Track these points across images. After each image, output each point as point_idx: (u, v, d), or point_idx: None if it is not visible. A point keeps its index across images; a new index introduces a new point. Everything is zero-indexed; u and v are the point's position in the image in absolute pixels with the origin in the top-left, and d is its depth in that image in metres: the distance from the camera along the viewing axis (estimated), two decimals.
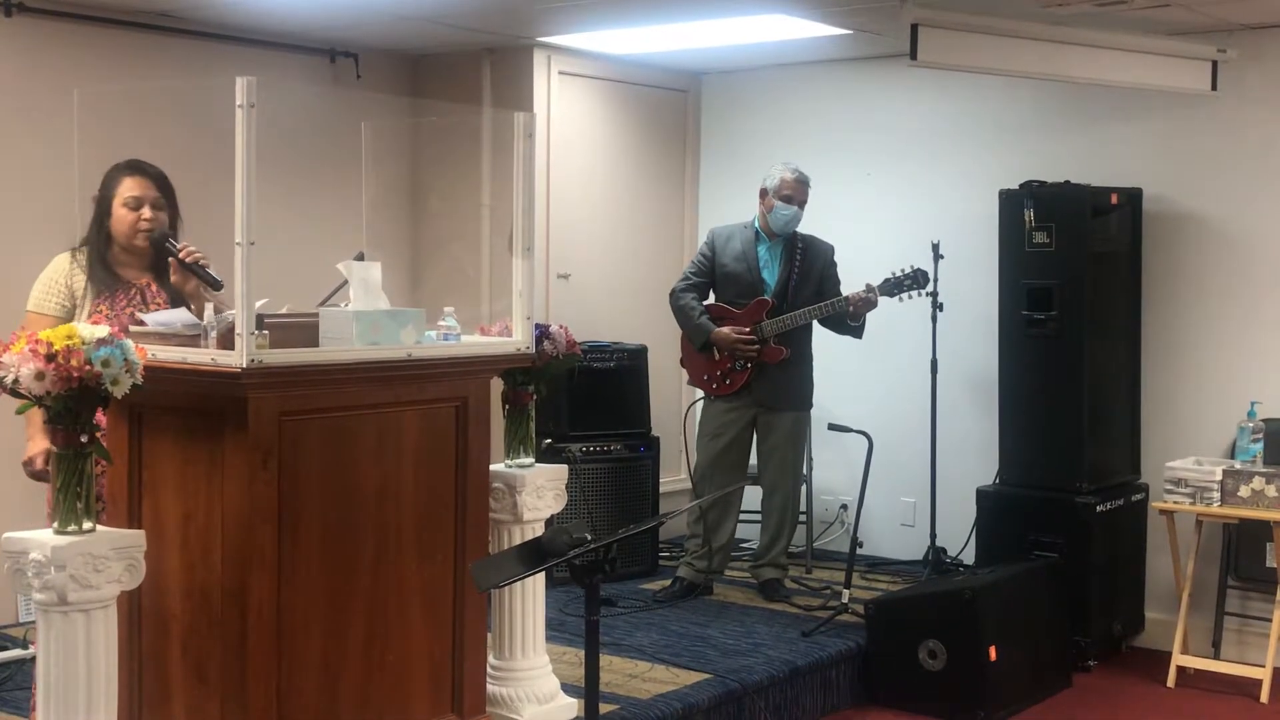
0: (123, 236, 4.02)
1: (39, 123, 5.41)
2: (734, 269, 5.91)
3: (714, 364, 5.90)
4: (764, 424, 5.95)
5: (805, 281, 5.89)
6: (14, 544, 3.08)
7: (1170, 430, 6.09)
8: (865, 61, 6.85)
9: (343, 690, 3.71)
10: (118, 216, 4.02)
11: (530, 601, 4.35)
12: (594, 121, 6.95)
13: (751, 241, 5.93)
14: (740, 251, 5.92)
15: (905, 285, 5.84)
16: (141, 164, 4.09)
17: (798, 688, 5.10)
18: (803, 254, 5.92)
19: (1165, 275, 6.11)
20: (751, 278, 5.89)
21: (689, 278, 6.00)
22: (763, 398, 5.89)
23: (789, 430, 5.97)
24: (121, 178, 4.05)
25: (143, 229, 4.02)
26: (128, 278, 4.05)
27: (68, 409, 3.06)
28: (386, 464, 3.79)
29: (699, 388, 6.03)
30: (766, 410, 5.92)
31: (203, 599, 3.53)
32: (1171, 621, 5.77)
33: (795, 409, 5.98)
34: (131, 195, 4.02)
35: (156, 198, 4.05)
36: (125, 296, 4.00)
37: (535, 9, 5.75)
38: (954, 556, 6.40)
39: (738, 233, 5.98)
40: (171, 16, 5.83)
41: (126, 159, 4.09)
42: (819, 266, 5.94)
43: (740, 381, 5.86)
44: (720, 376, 5.89)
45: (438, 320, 4.00)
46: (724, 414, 5.93)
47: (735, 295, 5.91)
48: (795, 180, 5.86)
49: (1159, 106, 6.05)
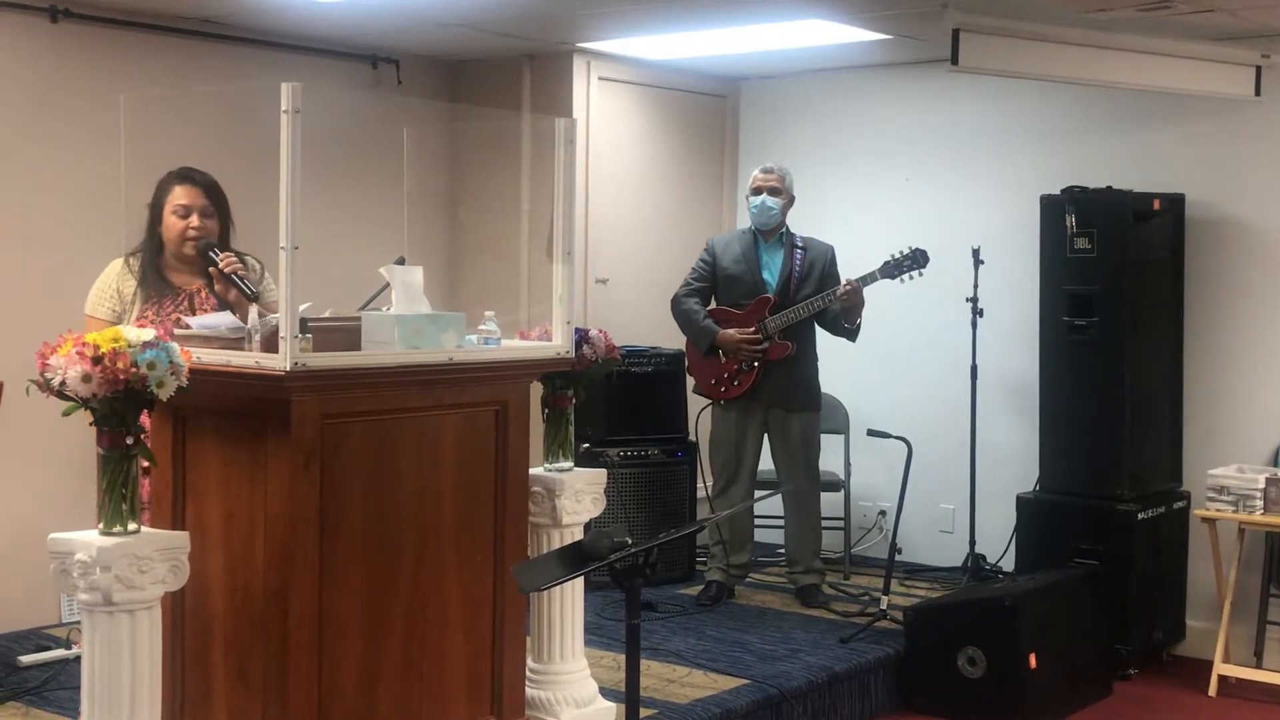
0: (172, 244, 4.08)
1: (85, 128, 5.46)
2: (735, 271, 5.92)
3: (720, 367, 5.87)
4: (776, 426, 5.93)
5: (806, 280, 5.88)
6: (60, 545, 3.11)
7: (1213, 437, 6.05)
8: (905, 67, 6.83)
9: (382, 692, 3.72)
10: (168, 224, 4.08)
11: (569, 605, 4.35)
12: (633, 127, 6.96)
13: (751, 244, 5.93)
14: (740, 254, 5.92)
15: (905, 266, 5.78)
16: (192, 172, 4.14)
17: (836, 694, 5.09)
18: (803, 253, 5.93)
19: (1208, 281, 6.07)
20: (753, 278, 5.89)
21: (690, 283, 5.97)
22: (773, 399, 5.88)
23: (803, 431, 5.95)
24: (172, 186, 4.11)
25: (190, 236, 4.07)
26: (179, 284, 4.10)
27: (113, 411, 3.09)
28: (427, 467, 3.80)
29: (708, 395, 5.98)
30: (778, 411, 5.90)
31: (245, 600, 3.56)
32: (1213, 630, 5.73)
33: (806, 409, 5.96)
34: (181, 204, 4.07)
35: (205, 206, 4.10)
36: (173, 302, 4.05)
37: (575, 15, 5.77)
38: (993, 563, 6.37)
39: (736, 238, 6.01)
40: (215, 22, 5.88)
41: (179, 167, 4.14)
42: (820, 265, 5.93)
43: (749, 383, 5.84)
44: (728, 379, 5.87)
45: (478, 324, 4.02)
46: (735, 420, 5.91)
47: (738, 297, 5.90)
48: (759, 171, 5.92)
49: (1202, 112, 6.01)
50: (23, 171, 5.43)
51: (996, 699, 5.13)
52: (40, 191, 5.46)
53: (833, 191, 7.04)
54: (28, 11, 5.42)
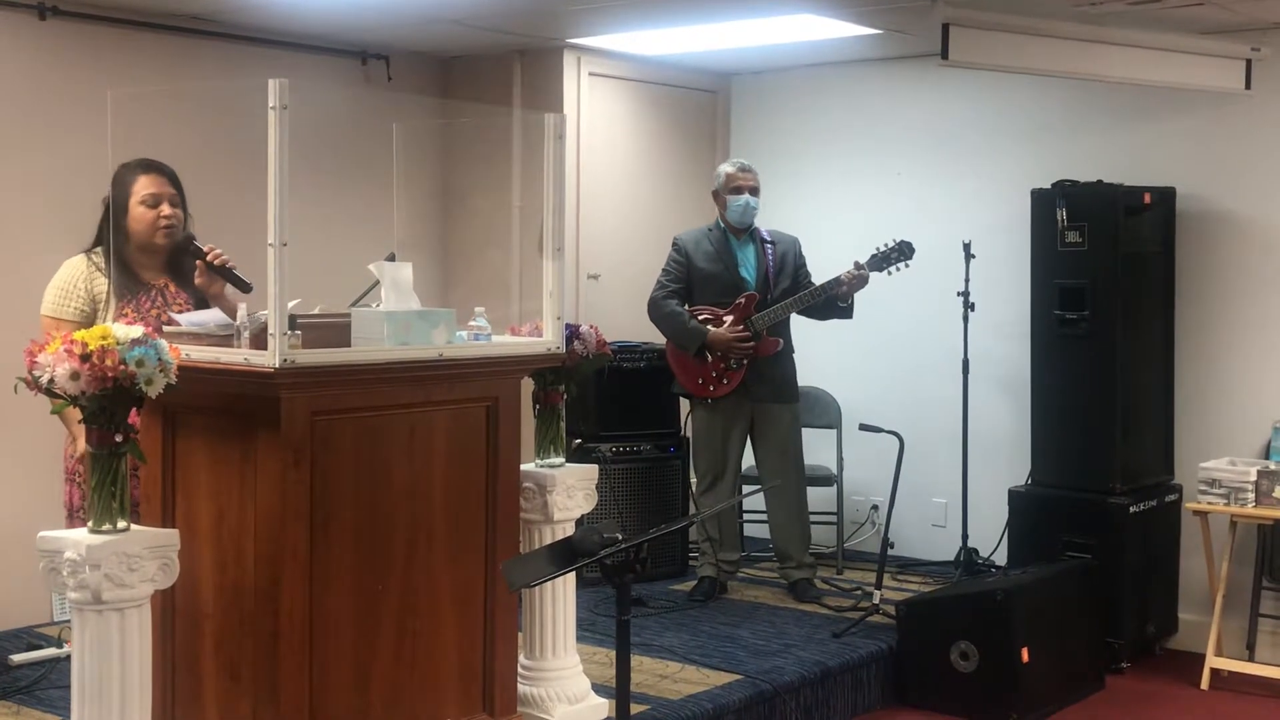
0: (142, 235, 3.99)
1: (74, 125, 5.44)
2: (710, 270, 5.90)
3: (707, 366, 5.86)
4: (762, 420, 5.93)
5: (781, 273, 5.90)
6: (49, 543, 3.11)
7: (1204, 431, 6.05)
8: (896, 61, 6.83)
9: (374, 689, 3.72)
10: (135, 215, 3.99)
11: (561, 601, 4.35)
12: (624, 122, 6.95)
13: (723, 241, 5.92)
14: (713, 252, 5.91)
15: (892, 258, 5.82)
16: (154, 162, 4.06)
17: (829, 689, 5.09)
18: (773, 247, 5.93)
19: (1199, 275, 6.07)
20: (730, 276, 5.88)
21: (665, 285, 5.93)
22: (760, 394, 5.87)
23: (789, 424, 5.96)
24: (136, 176, 4.01)
25: (163, 226, 4.00)
26: (146, 279, 4.04)
27: (102, 409, 3.08)
28: (417, 463, 3.80)
29: (693, 394, 5.95)
30: (764, 406, 5.90)
31: (235, 598, 3.55)
32: (1205, 623, 5.73)
33: (790, 401, 5.98)
34: (149, 193, 3.99)
35: (173, 194, 4.03)
36: (148, 298, 3.99)
37: (566, 10, 5.76)
38: (986, 557, 6.37)
39: (704, 235, 5.97)
40: (204, 19, 5.87)
41: (137, 158, 4.07)
42: (791, 257, 5.95)
43: (736, 380, 5.83)
44: (716, 378, 5.86)
45: (469, 320, 4.02)
46: (722, 420, 5.89)
47: (716, 295, 5.88)
48: (739, 170, 5.89)
49: (1192, 105, 6.02)
50: (11, 169, 5.41)
51: (989, 693, 5.13)
52: (29, 189, 5.44)
53: (823, 186, 7.04)
54: (16, 9, 5.41)
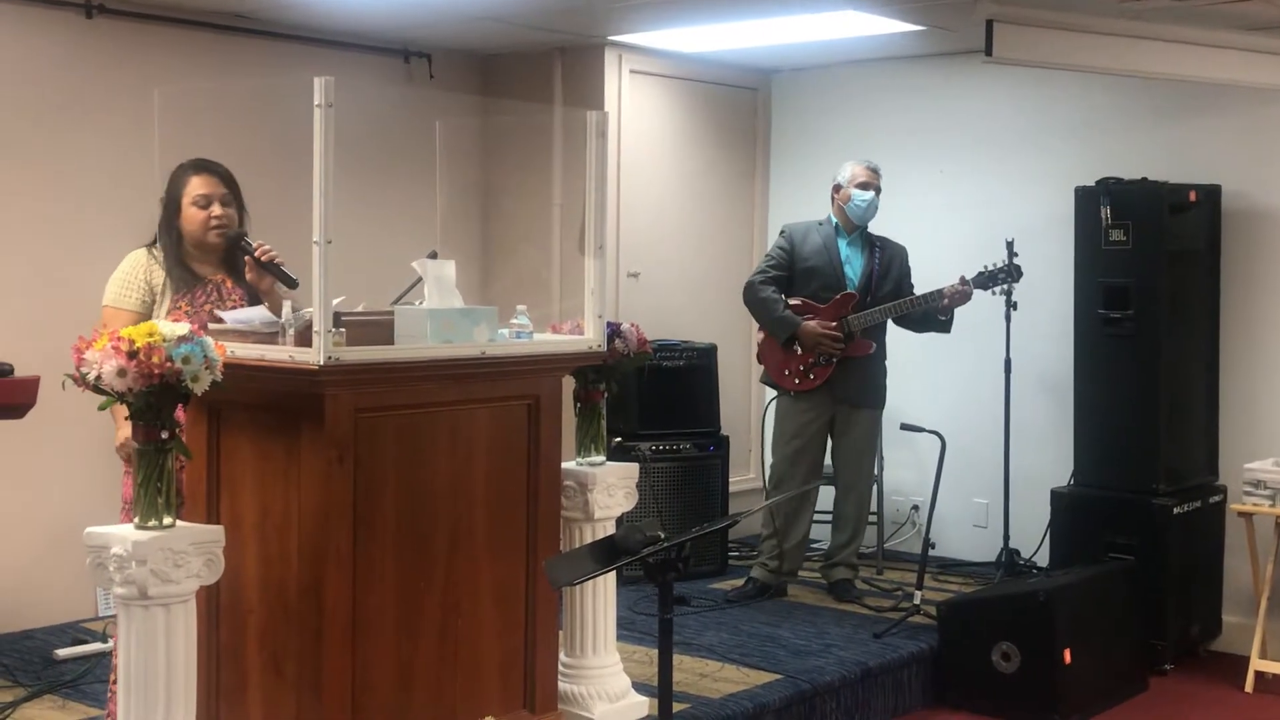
0: (195, 235, 4.05)
1: (120, 122, 5.49)
2: (815, 263, 5.87)
3: (796, 359, 5.84)
4: (842, 422, 5.91)
5: (885, 278, 5.87)
6: (96, 538, 3.13)
7: (1249, 431, 6.00)
8: (939, 58, 6.79)
9: (416, 684, 3.73)
10: (188, 215, 4.05)
11: (602, 599, 4.35)
12: (665, 120, 6.95)
13: (832, 237, 5.89)
14: (821, 246, 5.88)
15: (999, 279, 5.86)
16: (207, 162, 4.12)
17: (869, 689, 5.07)
18: (881, 252, 5.90)
19: (1244, 273, 6.02)
20: (834, 272, 5.85)
21: (766, 270, 5.91)
22: (845, 394, 5.85)
23: (867, 429, 5.95)
24: (188, 177, 4.08)
25: (214, 226, 4.05)
26: (203, 274, 4.10)
27: (149, 405, 3.09)
28: (459, 461, 3.81)
29: (778, 383, 5.93)
30: (847, 407, 5.88)
31: (279, 594, 3.57)
32: (1250, 625, 5.68)
33: (873, 406, 5.96)
34: (200, 194, 4.05)
35: (225, 194, 4.08)
36: (204, 293, 4.04)
37: (606, 8, 5.76)
38: (1027, 558, 6.33)
39: (814, 229, 5.93)
40: (248, 18, 5.90)
41: (191, 159, 4.13)
42: (896, 265, 5.93)
43: (823, 377, 5.81)
44: (803, 371, 5.84)
45: (510, 318, 4.02)
46: (804, 413, 5.87)
47: (818, 290, 5.85)
48: (868, 169, 5.86)
49: (1238, 102, 5.96)
50: (58, 167, 5.46)
51: (1031, 694, 5.10)
52: (76, 187, 5.49)
53: None
54: (63, 7, 5.45)
